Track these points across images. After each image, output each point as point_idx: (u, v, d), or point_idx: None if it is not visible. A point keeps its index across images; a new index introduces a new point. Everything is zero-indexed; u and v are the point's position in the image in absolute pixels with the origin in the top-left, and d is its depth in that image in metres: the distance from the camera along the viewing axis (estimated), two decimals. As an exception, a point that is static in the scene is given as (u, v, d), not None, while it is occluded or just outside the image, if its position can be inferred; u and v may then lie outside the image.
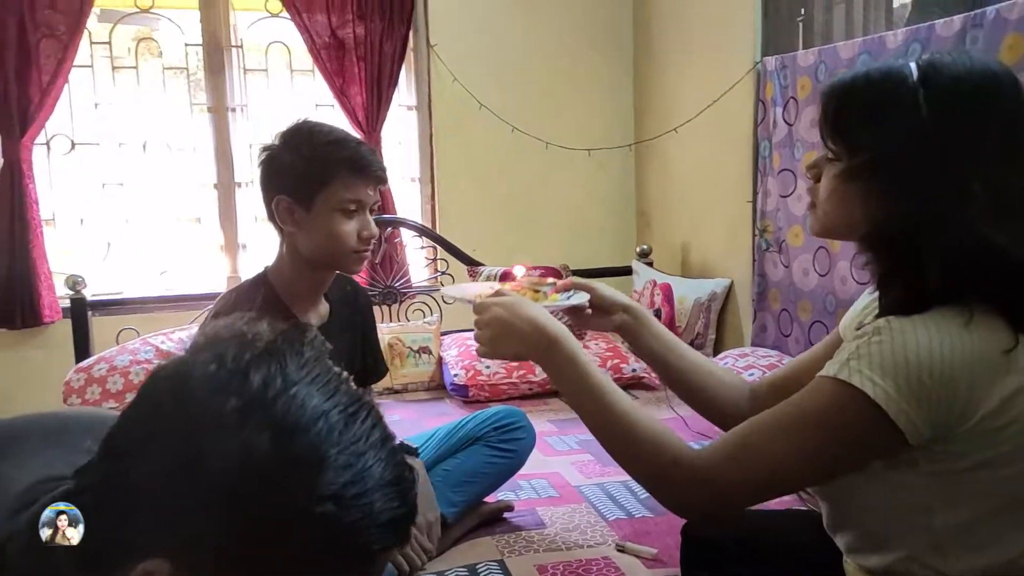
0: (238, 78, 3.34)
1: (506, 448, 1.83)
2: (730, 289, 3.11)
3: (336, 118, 3.37)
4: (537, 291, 1.26)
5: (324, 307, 1.66)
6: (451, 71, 3.41)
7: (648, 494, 1.03)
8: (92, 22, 3.06)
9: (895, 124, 0.92)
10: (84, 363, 2.65)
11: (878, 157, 0.94)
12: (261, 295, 1.57)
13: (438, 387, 2.99)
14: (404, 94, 3.52)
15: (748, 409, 1.19)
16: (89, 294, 2.88)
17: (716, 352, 3.04)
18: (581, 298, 1.23)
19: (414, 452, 1.73)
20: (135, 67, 3.23)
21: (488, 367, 2.86)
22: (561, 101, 3.60)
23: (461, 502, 1.75)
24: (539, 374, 2.89)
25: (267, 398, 0.49)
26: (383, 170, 1.57)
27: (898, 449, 0.91)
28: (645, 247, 3.46)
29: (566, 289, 1.26)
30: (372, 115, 3.32)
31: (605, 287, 1.28)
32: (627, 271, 3.45)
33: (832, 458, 0.93)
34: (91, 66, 3.15)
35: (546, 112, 3.54)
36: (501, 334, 1.08)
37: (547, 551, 1.71)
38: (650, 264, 3.43)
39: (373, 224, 1.57)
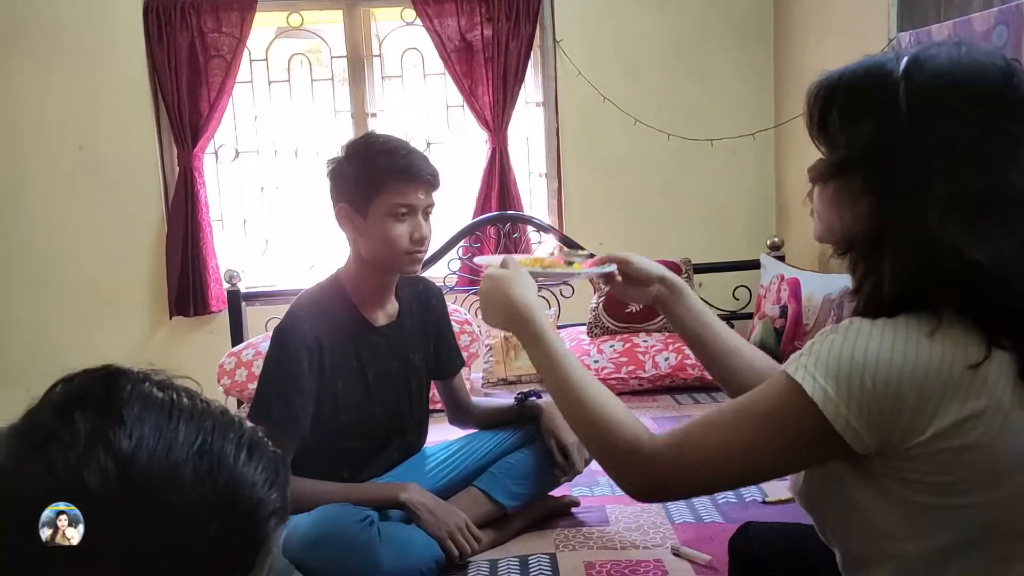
0: (378, 84, 3.58)
1: (577, 444, 1.85)
2: (865, 285, 2.88)
3: (465, 118, 3.52)
4: (570, 262, 1.36)
5: (393, 306, 1.77)
6: (576, 66, 3.43)
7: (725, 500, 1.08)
8: (251, 40, 3.41)
9: (870, 121, 0.88)
10: (236, 348, 2.99)
11: (851, 156, 0.90)
12: (333, 296, 1.71)
13: (550, 380, 3.04)
14: (531, 91, 3.59)
15: None
16: (245, 287, 3.24)
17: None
18: (608, 268, 1.29)
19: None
20: (288, 80, 3.56)
21: (596, 361, 2.88)
22: (687, 91, 3.49)
23: (522, 495, 1.80)
24: (648, 370, 2.86)
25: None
26: (433, 175, 1.65)
27: (842, 454, 0.86)
28: (776, 239, 3.29)
29: (601, 262, 1.31)
30: (499, 113, 3.42)
31: (642, 259, 1.30)
32: (755, 265, 3.29)
33: (767, 454, 0.91)
34: (251, 81, 3.52)
35: (670, 104, 3.46)
36: (488, 303, 1.16)
37: (601, 548, 1.72)
38: (781, 258, 3.25)
39: (424, 226, 1.66)
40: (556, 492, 1.93)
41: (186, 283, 3.42)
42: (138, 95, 3.39)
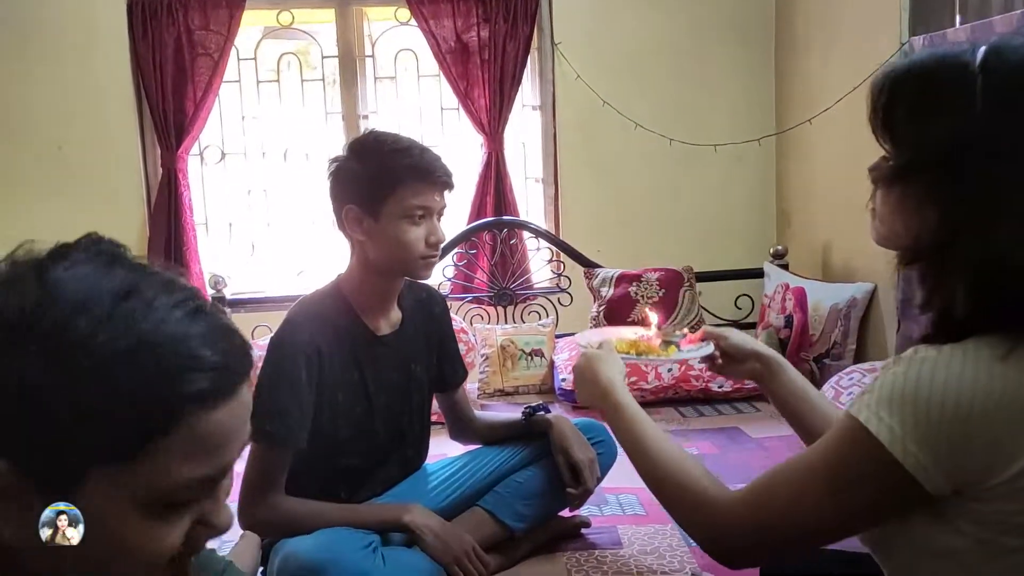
0: (370, 86, 3.47)
1: (581, 462, 1.75)
2: (873, 294, 2.81)
3: (460, 121, 3.42)
4: (669, 342, 1.37)
5: (396, 314, 1.67)
6: (574, 69, 3.35)
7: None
8: (239, 39, 3.30)
9: (943, 118, 0.79)
10: (221, 357, 2.86)
11: (919, 159, 0.82)
12: (333, 303, 1.60)
13: (549, 390, 2.94)
14: (528, 94, 3.50)
15: None
16: (231, 293, 3.11)
17: (857, 363, 2.76)
18: (706, 349, 1.30)
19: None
20: (277, 80, 3.45)
21: (598, 373, 2.78)
22: (688, 96, 3.42)
23: (530, 516, 1.70)
24: (651, 381, 2.76)
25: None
26: (449, 175, 1.56)
27: (918, 500, 0.77)
28: (780, 248, 3.21)
29: (700, 340, 1.31)
30: (495, 117, 3.32)
31: (738, 334, 1.29)
32: (759, 274, 3.22)
33: (843, 505, 0.81)
34: (238, 81, 3.40)
35: (672, 108, 3.38)
36: (578, 382, 1.24)
37: (615, 574, 1.62)
38: (785, 266, 3.18)
39: (440, 230, 1.57)
40: (564, 513, 1.82)
41: (169, 289, 3.28)
42: (121, 94, 3.26)
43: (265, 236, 3.49)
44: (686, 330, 1.42)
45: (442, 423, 1.88)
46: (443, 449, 1.91)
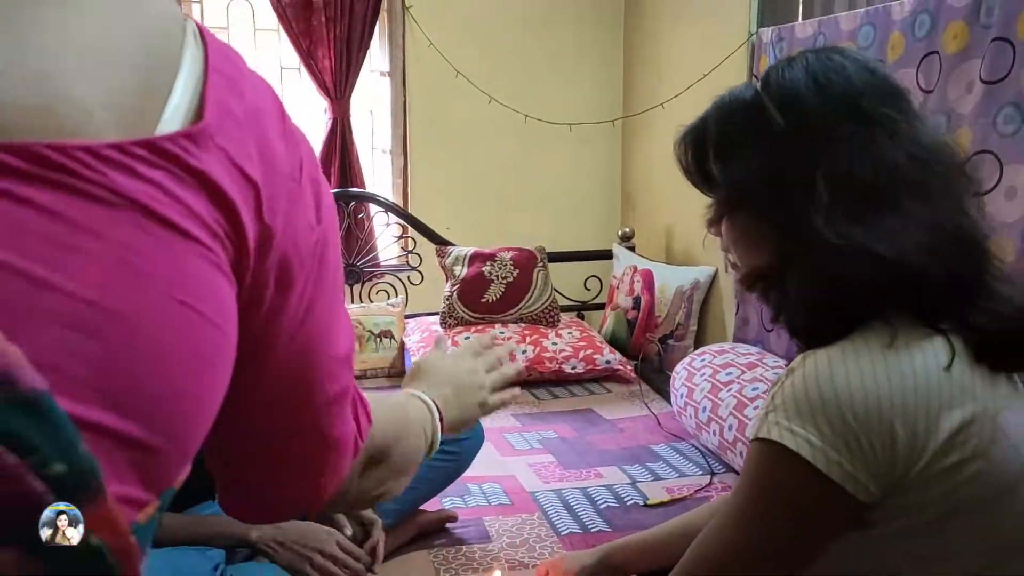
0: (198, 36, 3.12)
1: (448, 451, 1.64)
2: (714, 278, 2.92)
3: (302, 82, 3.16)
4: None
5: None
6: (427, 35, 3.19)
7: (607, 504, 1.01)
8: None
9: (750, 149, 0.84)
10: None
11: (740, 190, 0.86)
12: None
13: (399, 374, 2.80)
14: (377, 59, 3.30)
15: None
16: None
17: (697, 346, 2.86)
18: None
19: None
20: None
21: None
22: (544, 72, 3.37)
23: (395, 510, 1.57)
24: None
25: None
26: None
27: (855, 510, 0.73)
28: (627, 230, 3.26)
29: None
30: (341, 80, 3.10)
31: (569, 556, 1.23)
32: (608, 255, 3.25)
33: (784, 538, 0.76)
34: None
35: (527, 83, 3.32)
36: None
37: (486, 570, 1.53)
38: (632, 248, 3.23)
39: None
40: (427, 505, 1.71)
41: None
42: None
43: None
44: None
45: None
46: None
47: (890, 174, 0.77)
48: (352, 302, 3.03)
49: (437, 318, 2.86)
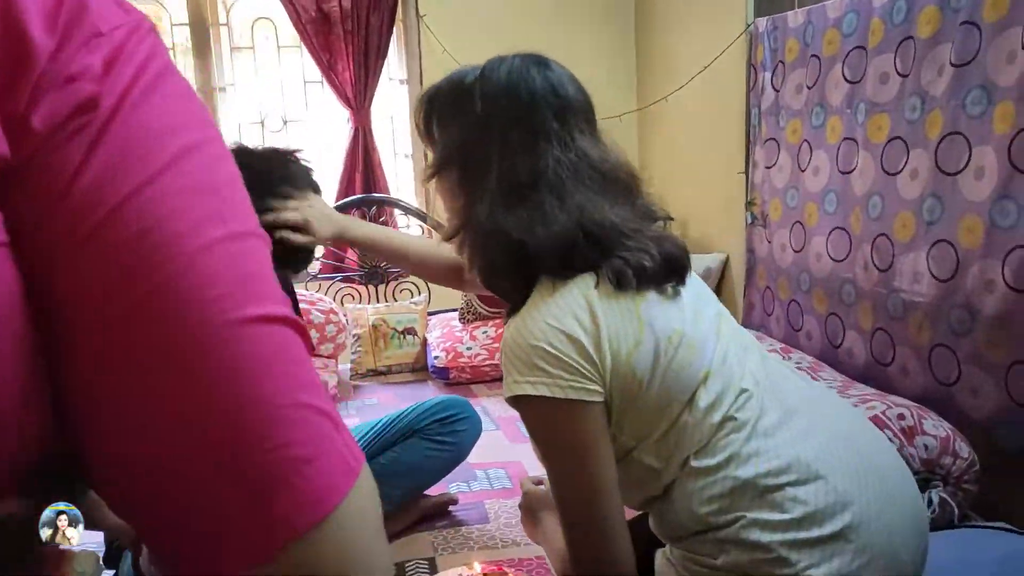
0: (226, 57, 3.31)
1: (446, 441, 1.77)
2: (726, 265, 2.97)
3: (324, 94, 3.32)
4: None
5: None
6: (440, 43, 3.31)
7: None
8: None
9: (457, 122, 1.04)
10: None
11: (446, 154, 1.05)
12: None
13: (422, 369, 2.94)
14: (395, 68, 3.44)
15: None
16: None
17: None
18: None
19: None
20: (122, 49, 3.22)
21: (469, 348, 2.80)
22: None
23: (396, 497, 1.70)
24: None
25: None
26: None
27: (599, 408, 0.95)
28: (643, 221, 3.32)
29: None
30: (360, 91, 3.25)
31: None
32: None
33: (590, 473, 0.94)
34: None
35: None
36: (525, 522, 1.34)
37: (482, 549, 1.65)
38: (648, 239, 3.29)
39: None
40: (432, 489, 1.84)
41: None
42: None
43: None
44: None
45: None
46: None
47: (539, 176, 0.98)
48: (377, 301, 3.18)
49: (457, 313, 2.99)
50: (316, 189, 1.44)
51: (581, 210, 0.97)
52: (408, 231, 3.30)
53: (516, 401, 0.95)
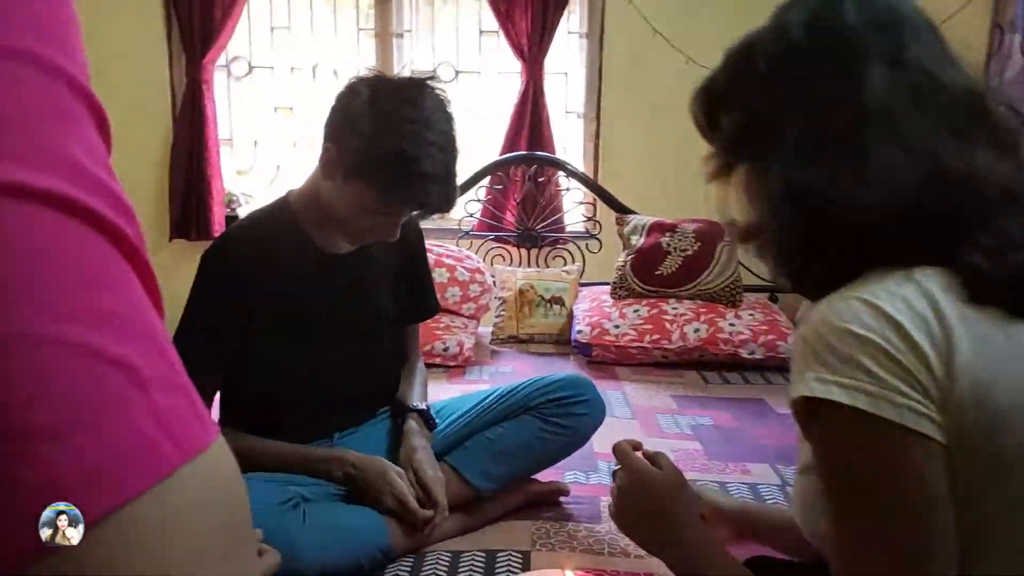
0: (407, 3, 3.25)
1: (561, 424, 1.57)
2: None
3: (499, 45, 3.17)
4: None
5: None
6: (626, -6, 3.05)
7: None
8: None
9: (742, 97, 0.82)
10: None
11: (736, 138, 0.82)
12: (278, 219, 1.45)
13: (566, 342, 2.74)
14: (574, 20, 3.22)
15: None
16: (245, 213, 3.00)
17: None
18: None
19: (430, 422, 1.55)
20: (310, -9, 3.25)
21: (617, 326, 2.57)
22: (746, 25, 3.07)
23: (499, 476, 1.53)
24: (675, 341, 2.54)
25: None
26: (441, 211, 1.39)
27: (939, 452, 0.65)
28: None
29: None
30: (536, 42, 3.07)
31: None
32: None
33: (925, 554, 0.65)
34: (269, -11, 3.22)
35: (729, 40, 3.05)
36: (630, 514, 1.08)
37: (585, 552, 1.44)
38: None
39: (395, 232, 1.40)
40: (544, 475, 1.65)
41: (189, 204, 3.19)
42: (147, -4, 3.12)
43: (291, 156, 3.35)
44: None
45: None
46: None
47: (861, 111, 0.71)
48: (528, 266, 3.03)
49: (608, 288, 2.76)
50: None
51: (934, 157, 0.68)
52: (568, 193, 3.10)
53: (810, 407, 0.67)
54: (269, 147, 3.35)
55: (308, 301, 1.43)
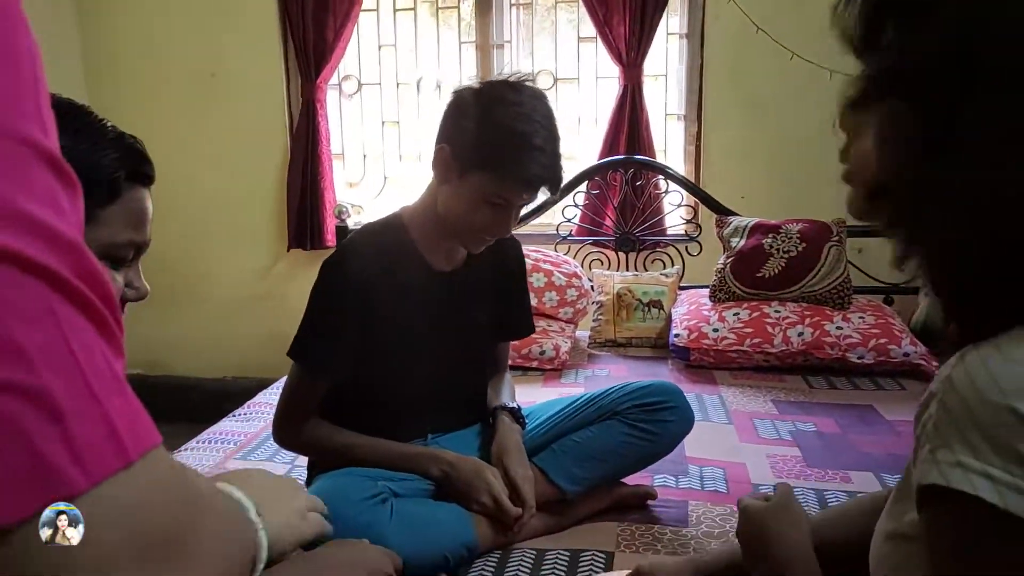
0: (506, 13, 3.32)
1: (648, 430, 1.56)
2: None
3: (597, 52, 3.19)
4: None
5: (461, 252, 1.57)
6: (727, -8, 2.99)
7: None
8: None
9: (934, 29, 0.60)
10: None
11: (907, 67, 0.61)
12: (392, 233, 1.53)
13: (664, 346, 2.72)
14: (672, 20, 3.19)
15: None
16: (355, 223, 3.15)
17: None
18: None
19: (520, 420, 1.58)
20: (413, 8, 3.38)
21: (716, 330, 2.52)
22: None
23: (584, 479, 1.55)
24: (777, 345, 2.47)
25: None
26: (555, 187, 1.46)
27: None
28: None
29: None
30: (634, 46, 3.06)
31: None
32: (927, 232, 2.76)
33: None
34: (376, 9, 3.37)
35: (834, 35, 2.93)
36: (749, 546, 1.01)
37: (670, 554, 1.44)
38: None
39: (510, 225, 1.46)
40: (633, 479, 1.66)
41: (304, 216, 3.39)
42: (266, 21, 3.34)
43: (398, 168, 3.49)
44: None
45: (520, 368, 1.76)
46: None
47: None
48: (626, 270, 3.02)
49: (708, 291, 2.71)
50: None
51: None
52: (667, 195, 3.07)
53: (947, 498, 0.55)
54: (377, 159, 3.51)
55: (415, 313, 1.50)
